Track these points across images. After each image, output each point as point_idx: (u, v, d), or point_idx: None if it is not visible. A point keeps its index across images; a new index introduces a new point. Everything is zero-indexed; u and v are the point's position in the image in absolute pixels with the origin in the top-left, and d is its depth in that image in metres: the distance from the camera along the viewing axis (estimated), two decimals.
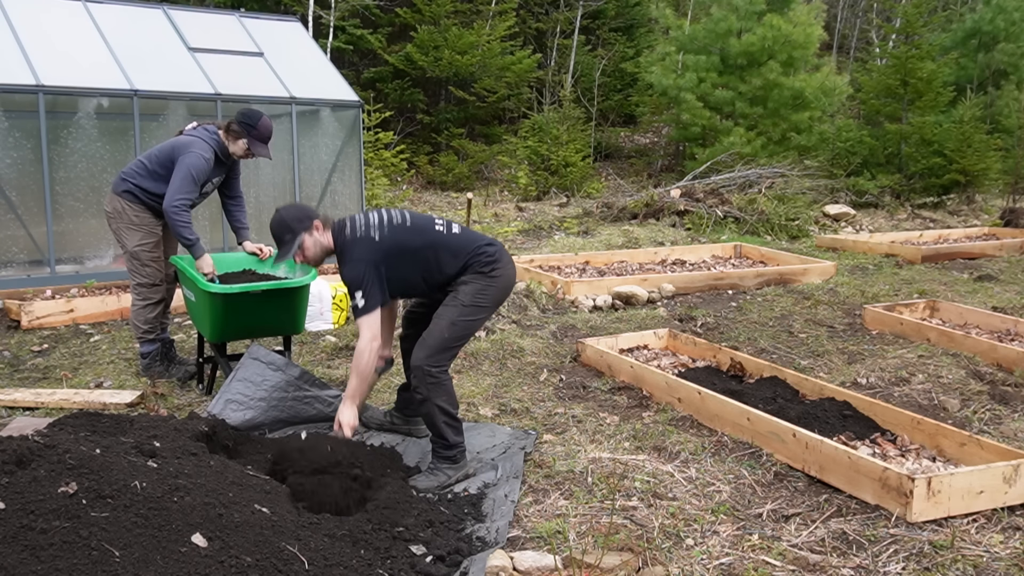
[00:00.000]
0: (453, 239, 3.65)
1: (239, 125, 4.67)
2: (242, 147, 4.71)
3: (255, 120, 4.67)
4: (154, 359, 4.89)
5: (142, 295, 4.82)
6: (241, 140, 4.70)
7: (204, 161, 4.59)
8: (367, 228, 3.58)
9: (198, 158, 4.57)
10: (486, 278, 3.59)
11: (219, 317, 4.31)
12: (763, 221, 10.73)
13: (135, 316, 4.86)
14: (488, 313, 3.66)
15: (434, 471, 3.53)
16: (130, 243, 4.77)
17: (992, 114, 15.85)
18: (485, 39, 15.80)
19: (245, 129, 4.66)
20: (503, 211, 12.18)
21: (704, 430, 4.11)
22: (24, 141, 6.67)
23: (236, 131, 4.69)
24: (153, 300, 4.83)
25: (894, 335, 5.89)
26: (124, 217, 4.76)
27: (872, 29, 23.63)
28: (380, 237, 3.55)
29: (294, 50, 8.43)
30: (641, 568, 2.80)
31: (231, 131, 4.71)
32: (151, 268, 4.80)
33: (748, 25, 14.98)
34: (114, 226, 4.82)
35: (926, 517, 3.13)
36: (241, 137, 4.69)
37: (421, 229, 3.63)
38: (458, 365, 5.17)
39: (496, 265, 3.62)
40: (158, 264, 4.83)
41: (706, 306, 6.87)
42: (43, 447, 2.57)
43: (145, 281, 4.80)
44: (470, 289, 3.57)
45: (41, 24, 7.12)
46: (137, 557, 2.29)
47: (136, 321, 4.85)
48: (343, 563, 2.58)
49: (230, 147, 4.74)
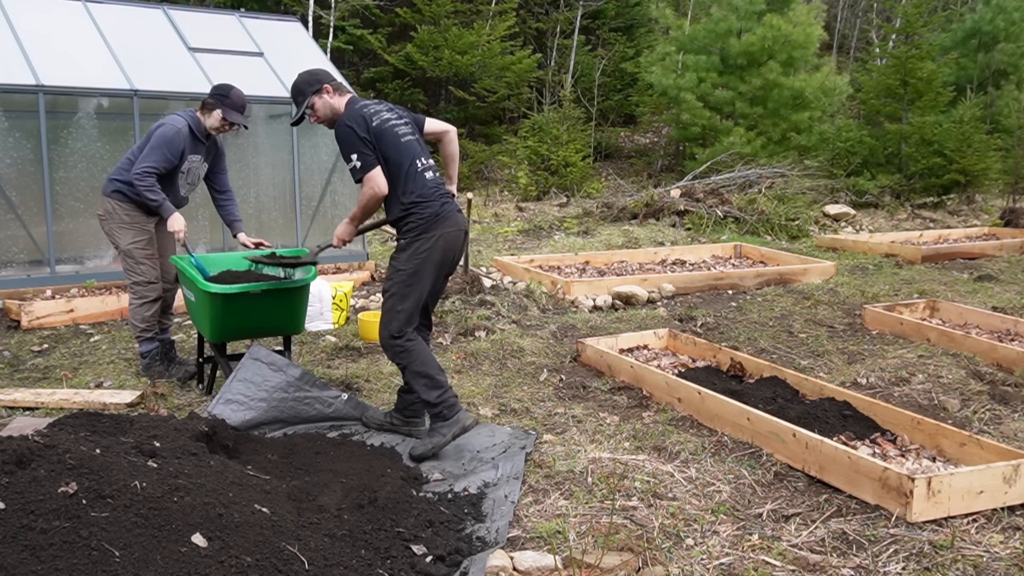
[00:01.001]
0: (419, 177, 3.72)
1: (212, 98, 4.74)
2: (218, 118, 4.74)
3: (227, 90, 4.74)
4: (154, 359, 4.89)
5: (138, 294, 4.84)
6: (216, 111, 4.73)
7: (174, 131, 4.63)
8: (370, 111, 3.71)
9: (168, 128, 4.64)
10: (420, 240, 3.69)
11: (218, 317, 4.31)
12: (763, 221, 10.74)
13: (133, 315, 4.87)
14: (431, 274, 3.73)
15: (431, 433, 3.71)
16: (123, 242, 4.80)
17: (992, 114, 15.85)
18: (485, 39, 15.80)
19: (218, 100, 4.72)
20: (503, 211, 12.18)
21: (704, 430, 4.11)
22: (24, 141, 6.66)
23: (210, 103, 4.74)
24: (149, 298, 4.85)
25: (894, 335, 5.89)
26: (115, 217, 4.80)
27: (872, 29, 23.63)
28: (375, 125, 3.67)
29: (294, 50, 8.42)
30: (641, 568, 2.80)
31: (205, 105, 4.76)
32: (145, 266, 4.83)
33: (748, 25, 14.98)
34: (106, 228, 4.86)
35: (926, 517, 3.13)
36: (215, 108, 4.73)
37: (404, 151, 3.71)
38: (458, 365, 5.18)
39: (430, 227, 3.68)
40: (152, 261, 4.85)
41: (706, 306, 6.87)
42: (43, 447, 2.57)
43: (140, 279, 4.83)
44: (406, 255, 3.72)
45: (41, 24, 7.12)
46: (137, 557, 2.29)
47: (134, 320, 4.87)
48: (343, 563, 2.58)
49: (207, 122, 4.77)
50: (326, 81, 3.82)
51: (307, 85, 3.81)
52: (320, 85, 3.80)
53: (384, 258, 9.01)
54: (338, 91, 3.84)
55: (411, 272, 3.70)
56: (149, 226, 4.85)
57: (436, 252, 3.70)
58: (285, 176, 7.89)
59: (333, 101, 3.81)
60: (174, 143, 4.64)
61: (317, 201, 8.06)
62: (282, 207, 7.93)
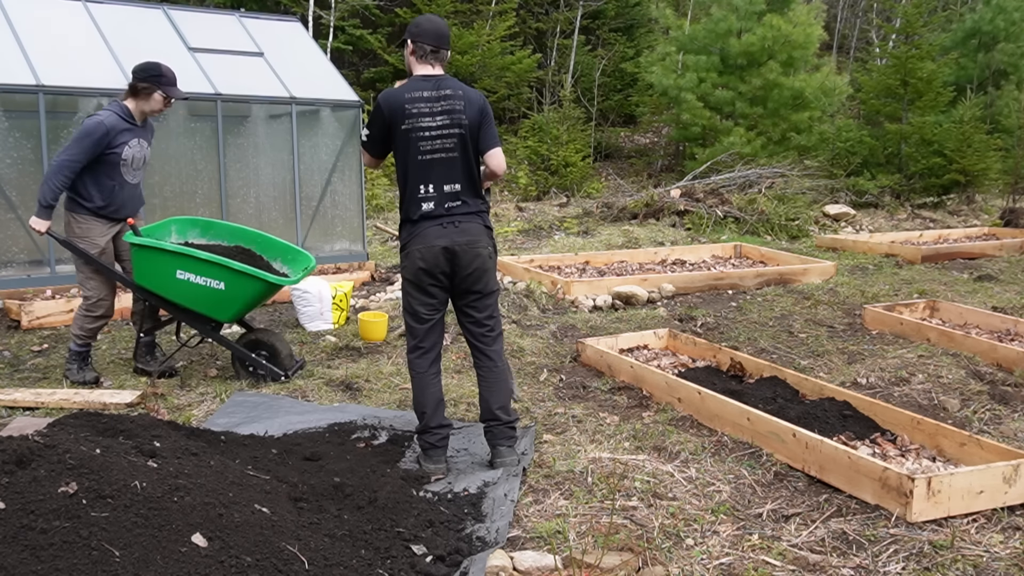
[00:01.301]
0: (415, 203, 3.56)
1: (145, 81, 4.68)
2: (159, 99, 4.72)
3: (156, 68, 4.71)
4: (73, 359, 4.87)
5: (86, 307, 4.84)
6: (155, 93, 4.70)
7: (95, 123, 4.59)
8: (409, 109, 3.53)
9: (89, 122, 4.61)
10: (404, 259, 3.63)
11: (256, 300, 4.71)
12: (763, 221, 10.74)
13: (77, 321, 4.86)
14: (414, 293, 3.60)
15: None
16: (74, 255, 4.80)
17: (992, 114, 15.85)
18: (485, 39, 15.81)
19: (154, 81, 4.68)
20: (503, 211, 12.18)
21: (704, 430, 4.11)
22: (24, 141, 6.67)
23: (145, 87, 4.69)
24: (95, 314, 4.83)
25: (894, 335, 5.89)
26: (69, 229, 4.77)
27: (872, 29, 23.63)
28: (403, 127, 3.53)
29: (294, 50, 8.43)
30: (641, 568, 2.80)
31: (139, 91, 4.70)
32: (95, 282, 4.79)
33: (748, 25, 14.98)
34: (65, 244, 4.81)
35: (926, 517, 3.13)
36: (154, 90, 4.69)
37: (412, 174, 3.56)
38: (458, 365, 5.18)
39: (407, 247, 3.59)
40: (100, 278, 4.80)
41: (706, 306, 6.87)
42: (43, 447, 2.57)
43: (90, 295, 4.81)
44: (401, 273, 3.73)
45: (41, 24, 7.12)
46: (137, 557, 2.29)
47: (76, 326, 4.85)
48: (343, 563, 2.58)
49: (145, 106, 4.73)
50: (419, 39, 3.59)
51: (410, 34, 3.64)
52: (411, 39, 3.62)
53: (384, 258, 9.01)
54: (422, 58, 3.60)
55: (404, 291, 3.69)
56: (101, 240, 4.79)
57: (408, 271, 3.59)
58: (285, 176, 7.89)
59: (409, 61, 3.69)
60: (93, 134, 4.57)
61: (317, 201, 8.06)
62: (282, 207, 7.93)
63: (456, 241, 3.52)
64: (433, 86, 3.57)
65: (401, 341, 5.68)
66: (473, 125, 3.57)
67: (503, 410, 3.65)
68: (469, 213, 3.60)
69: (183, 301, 4.68)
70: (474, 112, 3.58)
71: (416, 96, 3.54)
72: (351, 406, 4.44)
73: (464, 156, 3.58)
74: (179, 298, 4.67)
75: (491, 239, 3.66)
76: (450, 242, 3.52)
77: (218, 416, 4.22)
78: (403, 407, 4.44)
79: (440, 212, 3.55)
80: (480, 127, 3.60)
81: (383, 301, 6.79)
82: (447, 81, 3.61)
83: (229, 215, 7.52)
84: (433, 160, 3.54)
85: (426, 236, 3.53)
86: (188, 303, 4.68)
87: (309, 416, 4.22)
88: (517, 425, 3.77)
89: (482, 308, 3.67)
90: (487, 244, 3.61)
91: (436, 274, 3.54)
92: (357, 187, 8.27)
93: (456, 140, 3.55)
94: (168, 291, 4.66)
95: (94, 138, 4.58)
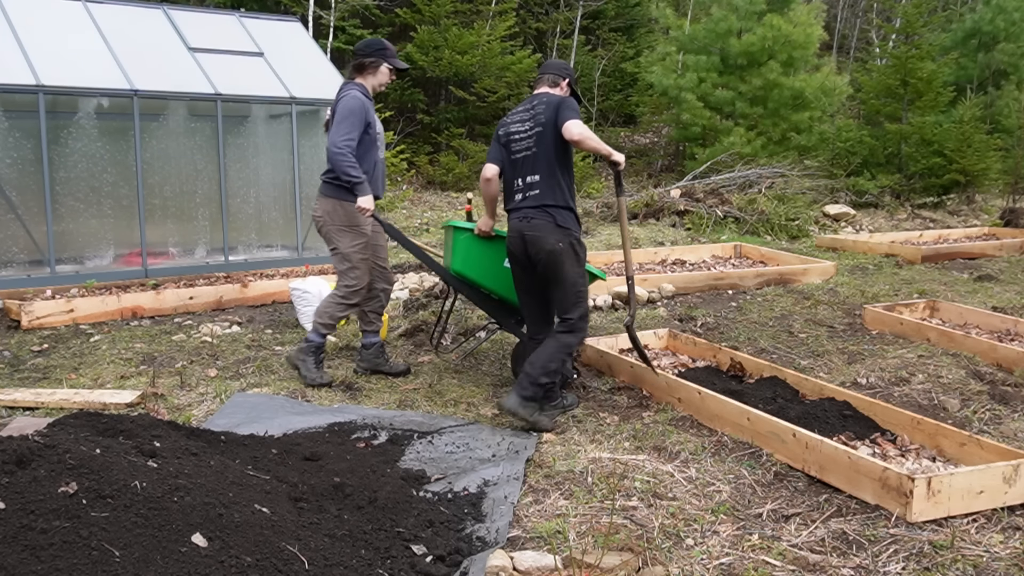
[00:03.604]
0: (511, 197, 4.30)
1: (371, 56, 4.59)
2: (387, 71, 4.64)
3: (379, 43, 4.64)
4: (311, 350, 4.77)
5: (344, 294, 4.71)
6: (382, 66, 4.62)
7: (358, 101, 4.50)
8: (507, 120, 4.30)
9: (349, 99, 4.50)
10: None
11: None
12: (763, 221, 10.74)
13: (326, 307, 4.73)
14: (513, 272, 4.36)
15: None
16: (342, 245, 4.66)
17: (992, 114, 15.85)
18: (485, 39, 15.80)
19: (380, 54, 4.61)
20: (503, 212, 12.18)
21: (704, 430, 4.11)
22: (24, 141, 6.67)
23: (371, 62, 4.61)
24: (350, 302, 4.72)
25: (894, 335, 5.89)
26: (335, 218, 4.63)
27: (872, 29, 23.63)
28: (502, 133, 4.28)
29: (294, 50, 8.43)
30: (641, 568, 2.80)
31: (367, 66, 4.61)
32: (360, 271, 4.69)
33: (748, 25, 14.98)
34: (324, 229, 4.69)
35: (926, 517, 3.13)
36: (380, 64, 4.61)
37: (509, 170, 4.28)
38: (458, 365, 5.18)
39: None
40: (366, 266, 4.71)
41: (706, 306, 6.87)
42: (43, 447, 2.57)
43: (352, 283, 4.68)
44: None
45: (41, 24, 7.12)
46: (137, 557, 2.29)
47: (324, 311, 4.72)
48: (343, 563, 2.58)
49: (374, 80, 4.65)
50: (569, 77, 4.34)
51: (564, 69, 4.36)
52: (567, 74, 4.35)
53: None
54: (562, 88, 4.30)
55: None
56: (367, 228, 4.69)
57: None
58: (285, 176, 7.89)
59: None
60: (357, 110, 4.47)
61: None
62: (282, 207, 7.93)
63: (523, 231, 4.15)
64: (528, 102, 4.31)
65: (401, 341, 5.69)
66: (549, 121, 4.11)
67: (531, 366, 4.06)
68: (539, 207, 4.14)
69: (504, 292, 4.58)
70: (550, 111, 4.13)
71: (514, 110, 4.33)
72: (351, 406, 4.44)
73: (534, 156, 4.17)
74: (501, 288, 4.57)
75: (564, 234, 4.11)
76: (522, 229, 4.16)
77: (218, 416, 4.22)
78: (403, 407, 4.45)
79: (517, 206, 4.21)
80: (557, 116, 4.09)
81: None
82: (539, 96, 4.28)
83: (229, 215, 7.53)
84: (515, 160, 4.24)
85: (511, 226, 4.24)
86: (509, 294, 4.56)
87: (309, 416, 4.22)
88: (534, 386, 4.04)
89: (554, 298, 4.22)
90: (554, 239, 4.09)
91: (522, 259, 4.22)
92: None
93: (533, 138, 4.17)
94: (491, 281, 4.56)
95: (359, 114, 4.48)
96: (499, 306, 4.71)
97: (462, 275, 4.60)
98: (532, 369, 4.02)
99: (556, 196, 4.13)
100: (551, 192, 4.13)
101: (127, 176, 7.11)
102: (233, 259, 7.57)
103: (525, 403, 4.00)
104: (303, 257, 7.88)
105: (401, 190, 13.63)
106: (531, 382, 4.00)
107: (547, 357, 4.06)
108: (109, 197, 7.11)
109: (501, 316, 4.74)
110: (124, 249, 7.21)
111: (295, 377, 4.91)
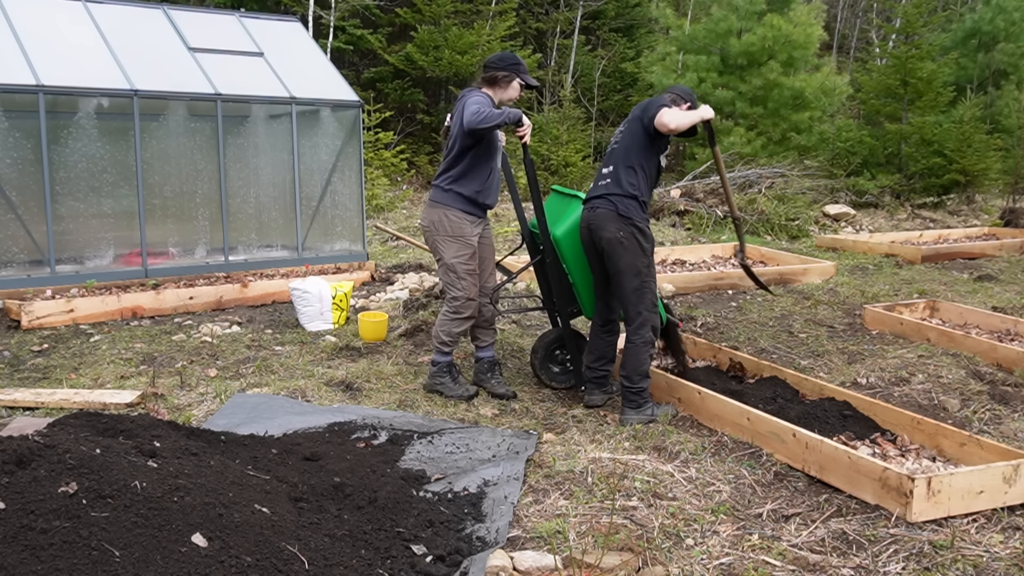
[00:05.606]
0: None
1: (505, 69, 4.50)
2: (518, 86, 4.55)
3: (514, 58, 4.57)
4: (442, 370, 4.67)
5: (454, 308, 4.57)
6: (514, 81, 4.53)
7: (485, 101, 4.39)
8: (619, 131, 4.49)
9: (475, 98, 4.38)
10: None
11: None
12: (763, 221, 10.74)
13: (440, 327, 4.61)
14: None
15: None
16: (447, 255, 4.53)
17: (992, 114, 15.86)
18: (485, 39, 15.80)
19: (514, 69, 4.52)
20: (503, 211, 12.17)
21: (704, 430, 4.11)
22: (24, 141, 6.66)
23: (505, 75, 4.50)
24: (463, 315, 4.57)
25: (894, 335, 5.89)
26: (442, 228, 4.52)
27: (872, 29, 23.64)
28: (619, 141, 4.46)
29: (294, 50, 8.42)
30: (641, 568, 2.80)
31: (499, 80, 4.52)
32: (467, 281, 4.53)
33: (748, 25, 14.99)
34: (430, 239, 4.59)
35: (926, 517, 3.13)
36: (513, 78, 4.52)
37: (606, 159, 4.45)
38: (458, 365, 5.18)
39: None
40: (473, 278, 4.55)
41: (706, 306, 6.87)
42: (43, 447, 2.57)
43: (459, 295, 4.53)
44: None
45: (41, 24, 7.11)
46: (137, 557, 2.29)
47: (440, 331, 4.61)
48: (343, 563, 2.58)
49: (503, 95, 4.54)
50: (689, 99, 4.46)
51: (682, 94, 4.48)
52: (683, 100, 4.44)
53: (384, 258, 9.01)
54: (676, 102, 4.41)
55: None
56: (473, 239, 4.55)
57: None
58: (285, 176, 7.89)
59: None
60: (487, 104, 4.35)
61: (317, 201, 8.07)
62: (282, 207, 7.93)
63: (588, 219, 4.30)
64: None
65: (401, 341, 5.68)
66: (634, 117, 4.32)
67: (625, 378, 4.24)
68: (604, 196, 4.26)
69: (581, 275, 4.52)
70: (638, 109, 4.34)
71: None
72: (351, 406, 4.44)
73: (622, 144, 4.33)
74: (579, 271, 4.51)
75: (624, 223, 4.18)
76: (588, 221, 4.30)
77: (218, 416, 4.22)
78: (403, 407, 4.45)
79: (592, 196, 4.34)
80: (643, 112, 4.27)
81: (383, 301, 6.79)
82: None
83: (229, 215, 7.52)
84: (610, 152, 4.42)
85: (584, 217, 4.36)
86: (583, 279, 4.53)
87: (309, 416, 4.22)
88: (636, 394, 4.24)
89: (616, 289, 4.31)
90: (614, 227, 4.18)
91: (593, 252, 4.34)
92: (357, 187, 8.27)
93: (622, 133, 4.37)
94: (578, 261, 4.50)
95: (488, 105, 4.35)
96: (568, 291, 4.61)
97: (559, 244, 4.47)
98: (628, 382, 4.23)
99: (623, 185, 4.23)
100: (618, 182, 4.25)
101: (127, 176, 7.11)
102: (233, 259, 7.57)
103: (634, 411, 4.23)
104: (303, 257, 7.88)
105: (401, 190, 13.63)
106: (633, 393, 4.23)
107: (635, 362, 4.23)
108: (109, 197, 7.11)
109: (562, 300, 4.63)
110: (124, 249, 7.20)
111: (295, 377, 4.92)
